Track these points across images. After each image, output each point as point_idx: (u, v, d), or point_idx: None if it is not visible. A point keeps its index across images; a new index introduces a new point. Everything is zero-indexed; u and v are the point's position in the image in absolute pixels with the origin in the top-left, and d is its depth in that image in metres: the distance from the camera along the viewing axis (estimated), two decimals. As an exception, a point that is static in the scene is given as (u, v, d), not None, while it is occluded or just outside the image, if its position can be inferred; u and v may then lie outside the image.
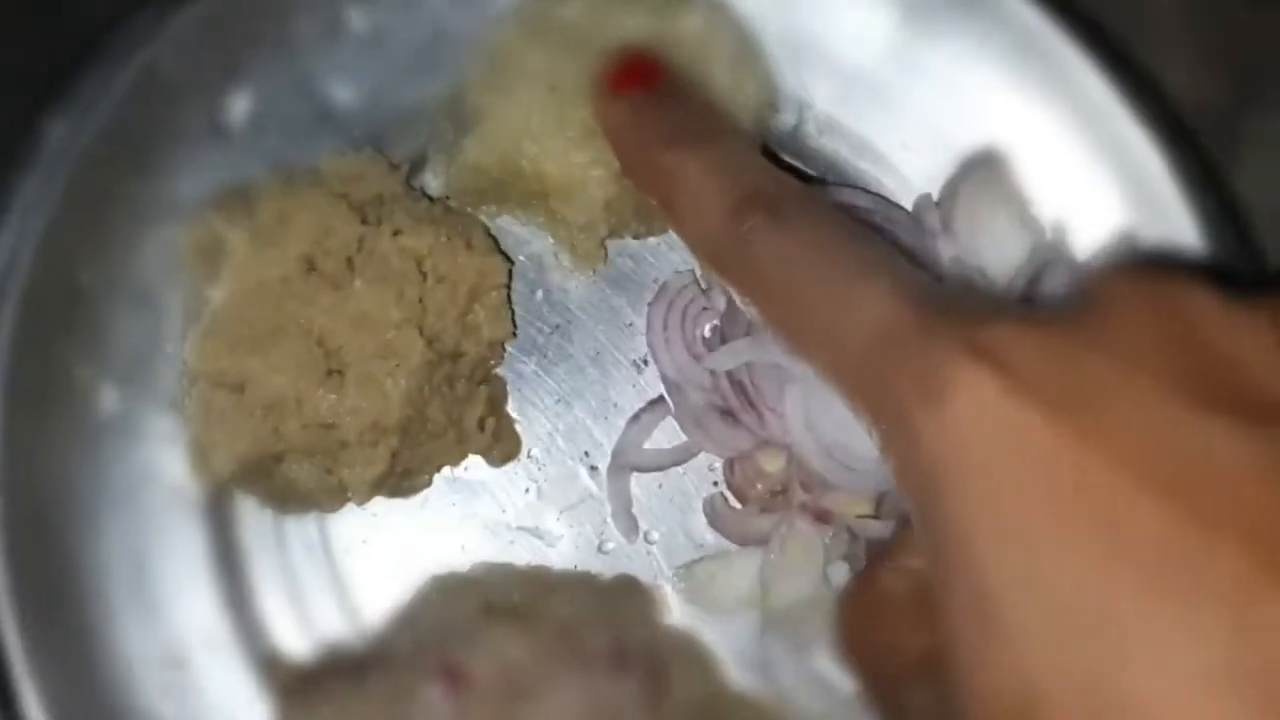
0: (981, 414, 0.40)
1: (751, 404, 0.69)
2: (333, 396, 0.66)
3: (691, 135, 0.59)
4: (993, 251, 0.70)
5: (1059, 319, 0.43)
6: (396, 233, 0.67)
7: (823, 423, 0.68)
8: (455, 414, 0.69)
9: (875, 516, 0.69)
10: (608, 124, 0.65)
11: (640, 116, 0.63)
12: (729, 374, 0.70)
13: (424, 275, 0.67)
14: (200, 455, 0.67)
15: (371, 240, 0.67)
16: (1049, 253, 0.70)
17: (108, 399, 0.68)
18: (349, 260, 0.67)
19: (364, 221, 0.68)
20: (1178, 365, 0.40)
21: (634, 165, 0.64)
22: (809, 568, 0.69)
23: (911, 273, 0.49)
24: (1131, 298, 0.43)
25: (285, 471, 0.67)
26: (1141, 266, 0.44)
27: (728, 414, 0.70)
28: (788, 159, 0.73)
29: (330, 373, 0.66)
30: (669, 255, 0.73)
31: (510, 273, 0.70)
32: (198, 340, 0.67)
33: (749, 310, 0.57)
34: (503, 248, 0.71)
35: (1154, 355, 0.40)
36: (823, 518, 0.70)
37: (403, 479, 0.70)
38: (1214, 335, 0.41)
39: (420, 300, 0.67)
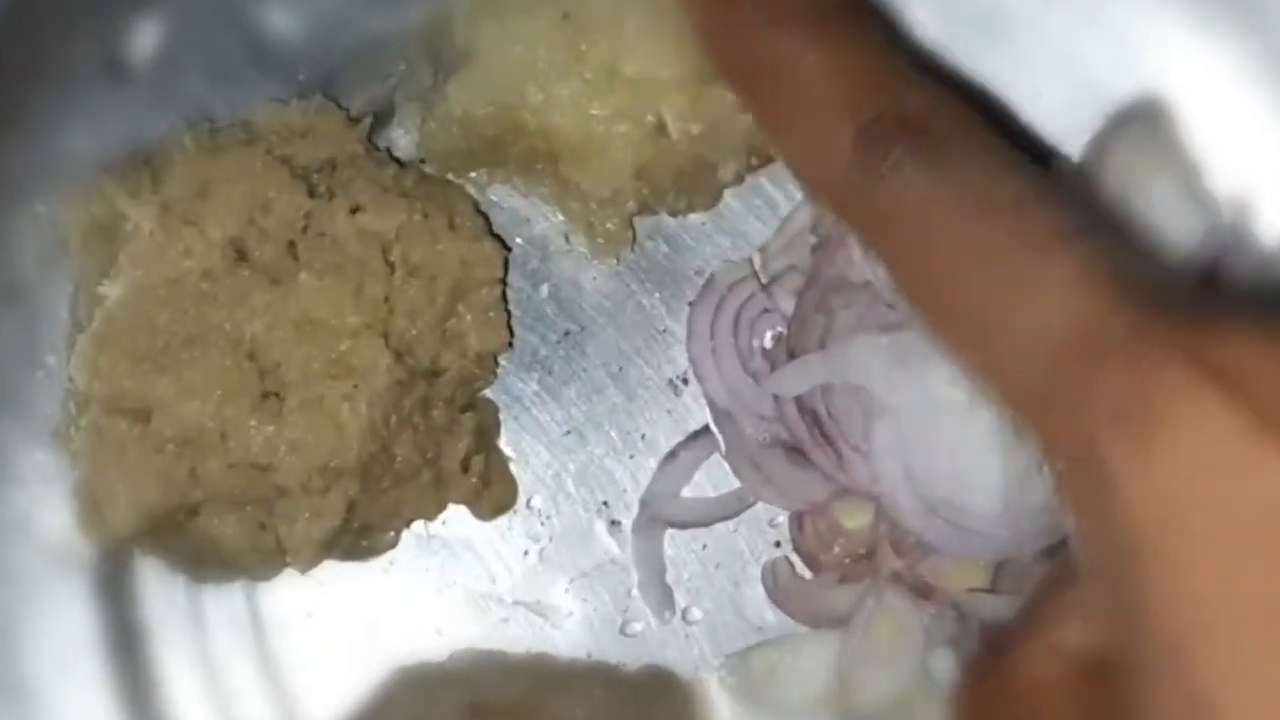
0: (1213, 459, 0.34)
1: (828, 439, 0.57)
2: (269, 428, 0.55)
3: (807, 13, 0.48)
4: (1153, 233, 0.57)
5: None
6: (355, 209, 0.56)
7: (924, 466, 0.56)
8: (431, 451, 0.57)
9: (991, 590, 0.57)
10: (724, 61, 0.52)
11: (786, 32, 0.50)
12: (798, 400, 0.58)
13: (391, 266, 0.56)
14: (91, 504, 0.56)
15: (322, 218, 0.56)
16: (1228, 236, 0.58)
17: None
18: (291, 245, 0.56)
19: (311, 194, 0.57)
20: None
21: (723, 55, 0.51)
22: (903, 656, 0.58)
23: (1114, 244, 0.41)
24: None
25: (204, 526, 0.56)
26: None
27: (795, 452, 0.59)
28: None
29: (266, 396, 0.55)
30: (717, 238, 0.61)
31: (506, 262, 0.59)
32: (88, 351, 0.55)
33: (875, 268, 0.49)
34: (496, 229, 0.60)
35: None
36: (921, 591, 0.58)
37: (360, 536, 0.58)
38: None
39: (386, 299, 0.56)
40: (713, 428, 0.59)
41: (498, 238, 0.59)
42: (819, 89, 0.46)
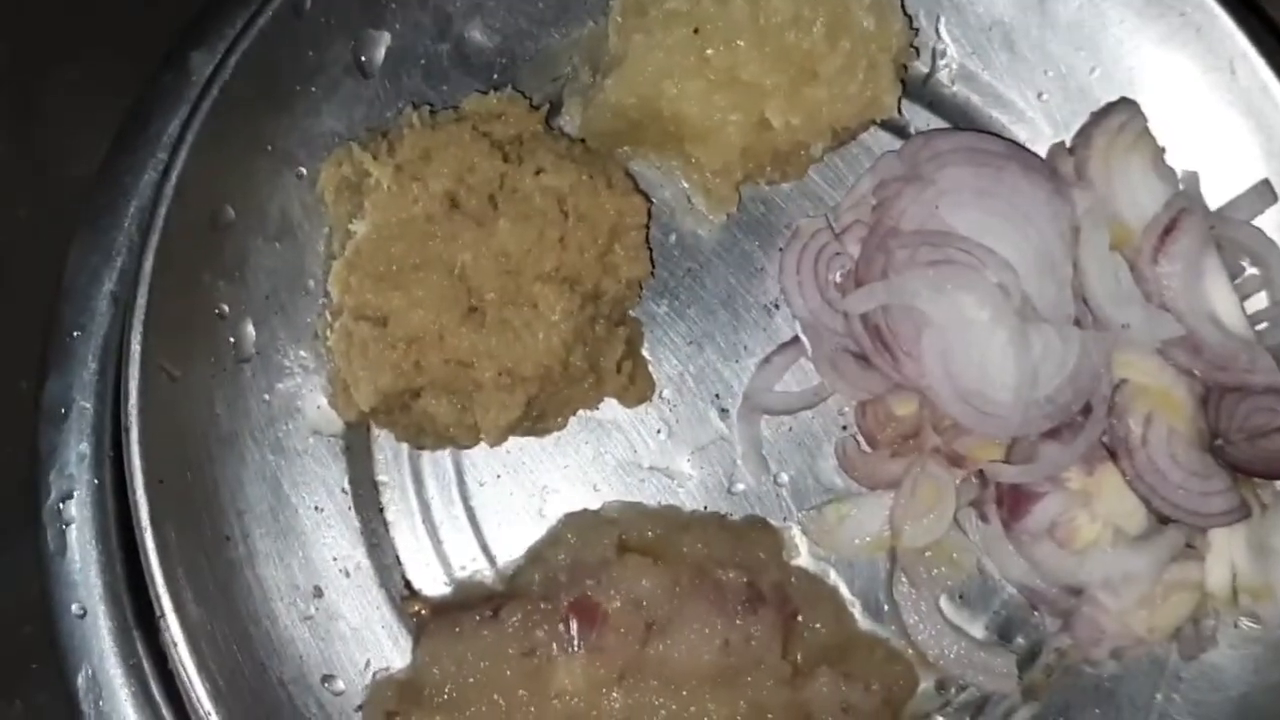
0: None
1: (886, 346, 0.64)
2: (473, 335, 0.61)
3: None
4: (1127, 200, 0.65)
5: None
6: (538, 171, 0.63)
7: (960, 367, 0.63)
8: (595, 357, 0.64)
9: (1007, 461, 0.64)
10: None
11: None
12: (863, 317, 0.64)
13: (565, 214, 0.62)
14: (342, 388, 0.63)
15: (514, 178, 0.63)
16: (1184, 201, 0.64)
17: (250, 332, 0.64)
18: (491, 197, 0.62)
19: (505, 160, 0.63)
20: None
21: None
22: (940, 511, 0.64)
23: None
24: None
25: (423, 406, 0.62)
26: None
27: (860, 357, 0.65)
28: (920, 107, 0.69)
29: (472, 310, 0.61)
30: (801, 201, 0.68)
31: (649, 212, 0.65)
32: (341, 273, 0.62)
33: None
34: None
35: None
36: (955, 461, 0.64)
37: (538, 421, 0.65)
38: None
39: (561, 239, 0.62)
40: (802, 337, 0.66)
41: (641, 193, 0.64)
42: None
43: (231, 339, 0.63)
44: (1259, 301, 0.66)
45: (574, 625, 0.61)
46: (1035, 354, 0.63)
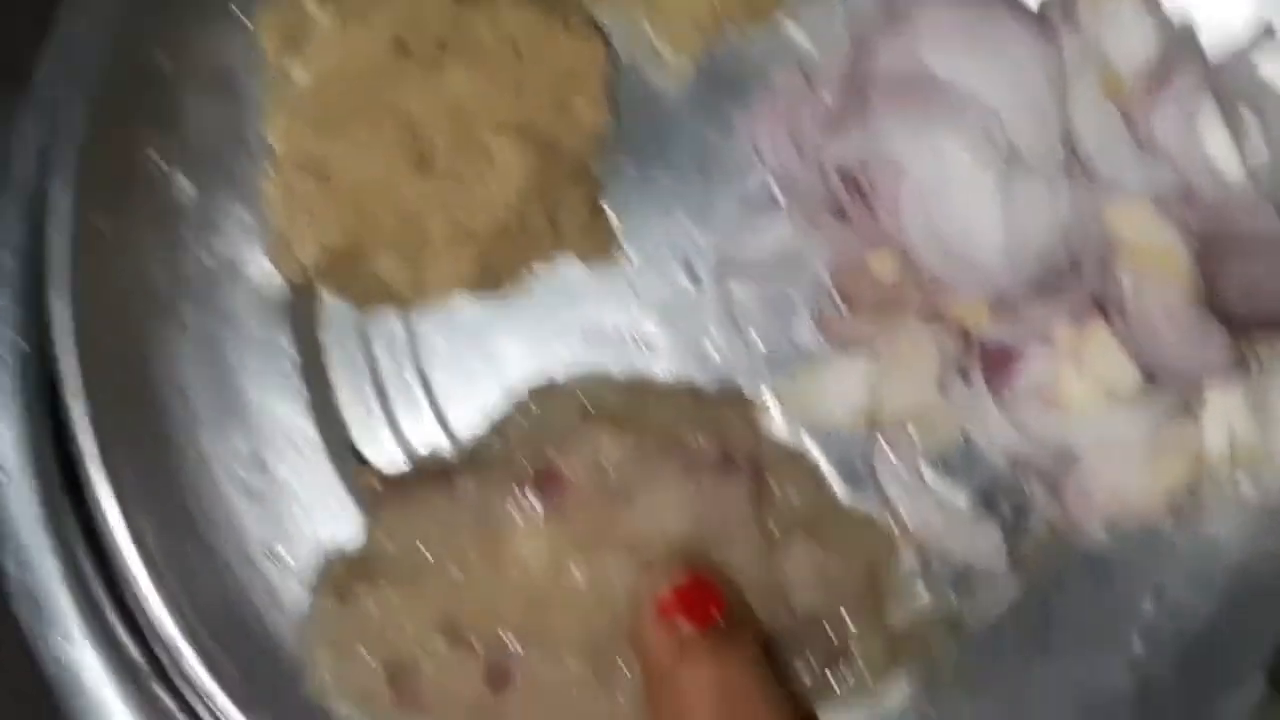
0: None
1: (865, 201, 0.60)
2: (422, 186, 0.57)
3: (700, 651, 0.52)
4: (1118, 44, 0.61)
5: None
6: (491, 13, 0.59)
7: (942, 221, 0.59)
8: (554, 212, 0.60)
9: (992, 318, 0.60)
10: (647, 654, 0.53)
11: (689, 665, 0.52)
12: (840, 171, 0.60)
13: (519, 57, 0.59)
14: (283, 245, 0.59)
15: (466, 21, 0.59)
16: (1179, 46, 0.61)
17: (186, 187, 0.59)
18: (442, 42, 0.58)
19: (457, 1, 0.59)
20: None
21: (643, 658, 0.54)
22: (922, 371, 0.60)
23: None
24: None
25: (370, 265, 0.59)
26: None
27: (840, 213, 0.61)
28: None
29: (421, 160, 0.58)
30: (774, 50, 0.63)
31: (606, 56, 0.61)
32: (281, 120, 0.58)
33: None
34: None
35: None
36: (937, 320, 0.60)
37: (493, 278, 0.61)
38: None
39: (516, 83, 0.58)
40: (776, 194, 0.62)
41: (602, 35, 0.60)
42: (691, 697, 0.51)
43: (168, 195, 0.59)
44: (1257, 150, 0.61)
45: (535, 494, 0.57)
46: (1022, 206, 0.58)
